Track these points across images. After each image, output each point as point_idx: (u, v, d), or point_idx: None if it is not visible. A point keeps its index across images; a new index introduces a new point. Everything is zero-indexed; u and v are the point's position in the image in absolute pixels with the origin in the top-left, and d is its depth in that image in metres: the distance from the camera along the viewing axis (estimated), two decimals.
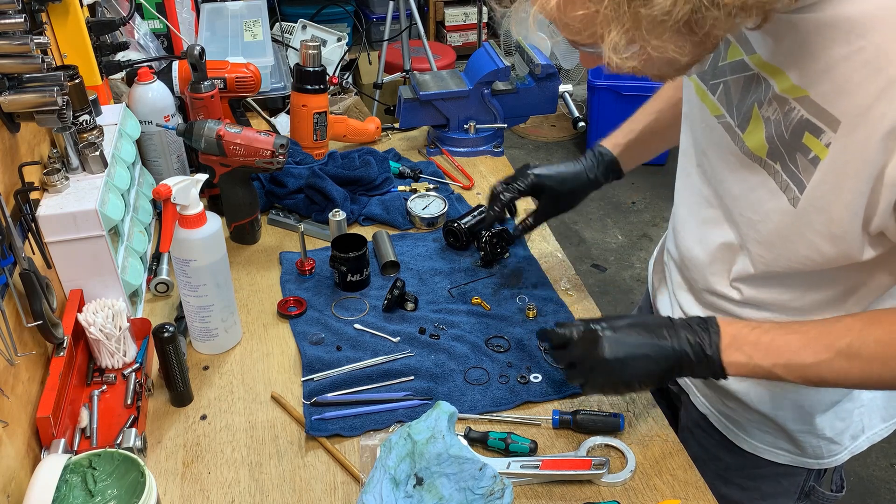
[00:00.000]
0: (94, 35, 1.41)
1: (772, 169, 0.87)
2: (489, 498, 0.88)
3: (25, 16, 0.95)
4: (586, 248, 3.35)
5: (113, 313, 1.09)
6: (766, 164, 0.87)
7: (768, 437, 1.08)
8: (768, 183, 0.87)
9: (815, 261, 0.87)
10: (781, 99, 0.83)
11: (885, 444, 2.43)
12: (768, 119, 0.86)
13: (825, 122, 0.78)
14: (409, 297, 1.26)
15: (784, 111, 0.83)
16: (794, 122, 0.82)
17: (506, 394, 1.10)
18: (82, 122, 1.22)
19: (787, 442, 1.08)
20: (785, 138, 0.84)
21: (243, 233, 1.42)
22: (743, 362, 0.87)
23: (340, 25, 3.83)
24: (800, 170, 0.83)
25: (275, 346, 1.20)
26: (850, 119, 0.75)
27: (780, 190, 0.86)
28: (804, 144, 0.81)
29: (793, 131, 0.82)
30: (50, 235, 1.07)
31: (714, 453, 1.07)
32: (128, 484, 0.89)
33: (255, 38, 1.86)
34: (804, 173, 0.82)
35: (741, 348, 0.87)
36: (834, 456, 1.09)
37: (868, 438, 1.10)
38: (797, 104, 0.81)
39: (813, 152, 0.80)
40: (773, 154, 0.86)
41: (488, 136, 1.72)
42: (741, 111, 0.90)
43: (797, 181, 0.83)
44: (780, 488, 1.14)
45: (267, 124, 1.84)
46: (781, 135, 0.84)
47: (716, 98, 0.95)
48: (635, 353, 0.91)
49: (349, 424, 1.05)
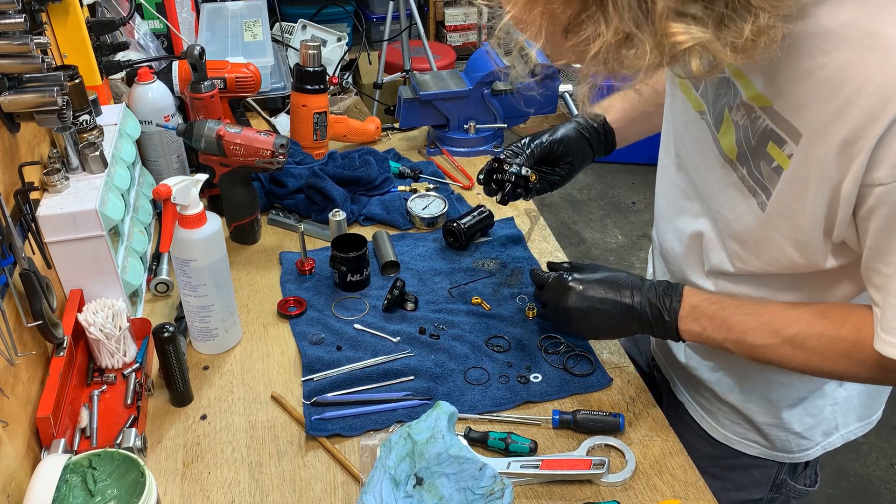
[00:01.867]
0: (94, 35, 1.41)
1: (739, 172, 0.89)
2: (489, 498, 0.88)
3: (25, 16, 0.95)
4: (586, 248, 3.35)
5: (113, 313, 1.09)
6: (735, 167, 0.89)
7: (738, 429, 1.11)
8: (739, 185, 0.89)
9: (783, 265, 0.89)
10: (748, 106, 0.84)
11: (885, 443, 2.43)
12: (737, 124, 0.87)
13: (788, 134, 0.79)
14: (409, 297, 1.26)
15: (751, 118, 0.84)
16: (759, 130, 0.83)
17: (506, 394, 1.10)
18: (82, 122, 1.22)
19: (756, 434, 1.10)
20: (752, 145, 0.85)
21: (243, 233, 1.42)
22: (697, 332, 0.96)
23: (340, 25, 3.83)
24: (764, 177, 0.85)
25: (275, 346, 1.20)
26: (811, 133, 0.77)
27: (750, 193, 0.88)
28: (768, 153, 0.83)
29: (759, 139, 0.84)
30: (50, 235, 1.07)
31: (690, 442, 1.08)
32: (128, 484, 0.89)
33: (255, 38, 1.86)
34: (769, 181, 0.84)
35: (698, 319, 0.95)
36: (804, 451, 1.10)
37: (842, 436, 1.11)
38: (762, 113, 0.82)
39: (776, 161, 0.82)
40: (741, 158, 0.88)
41: (488, 136, 1.72)
42: (716, 111, 0.92)
43: (763, 187, 0.85)
44: (752, 480, 1.16)
45: (267, 124, 1.84)
46: (749, 141, 0.86)
47: (698, 94, 0.96)
48: (597, 307, 1.02)
49: (349, 424, 1.05)
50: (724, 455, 1.15)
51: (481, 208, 1.43)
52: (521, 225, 1.48)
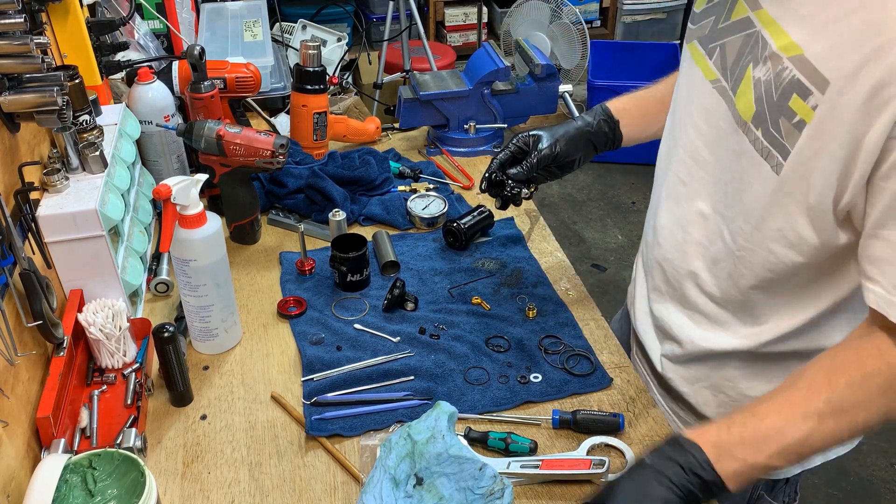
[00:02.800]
0: (94, 35, 1.41)
1: (752, 135, 0.87)
2: (489, 498, 0.88)
3: (25, 16, 0.95)
4: (586, 248, 3.35)
5: (113, 313, 1.09)
6: (748, 130, 0.87)
7: None
8: (750, 151, 0.87)
9: (790, 241, 0.86)
10: (776, 57, 0.83)
11: (885, 443, 2.43)
12: (759, 80, 0.85)
13: (815, 83, 0.78)
14: (409, 297, 1.26)
15: (776, 71, 0.83)
16: (784, 82, 0.81)
17: (506, 394, 1.10)
18: (82, 122, 1.22)
19: None
20: (773, 100, 0.83)
21: (243, 233, 1.42)
22: (738, 469, 0.80)
23: (340, 25, 3.83)
24: (783, 135, 0.82)
25: (275, 346, 1.20)
26: (840, 80, 0.75)
27: (762, 157, 0.86)
28: (790, 108, 0.81)
29: (782, 93, 0.82)
30: (50, 235, 1.07)
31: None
32: (128, 484, 0.90)
33: (255, 38, 1.86)
34: (788, 138, 0.82)
35: (732, 454, 0.80)
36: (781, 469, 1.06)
37: (822, 455, 1.06)
38: (790, 63, 0.81)
39: (798, 116, 0.80)
40: (757, 118, 0.86)
41: (488, 136, 1.72)
42: (735, 73, 0.90)
43: (780, 147, 0.83)
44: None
45: (267, 124, 1.84)
46: (770, 96, 0.84)
47: (712, 62, 0.95)
48: None
49: (349, 424, 1.05)
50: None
51: (481, 208, 1.43)
52: (521, 225, 1.48)
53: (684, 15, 4.59)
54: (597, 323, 1.24)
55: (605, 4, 4.63)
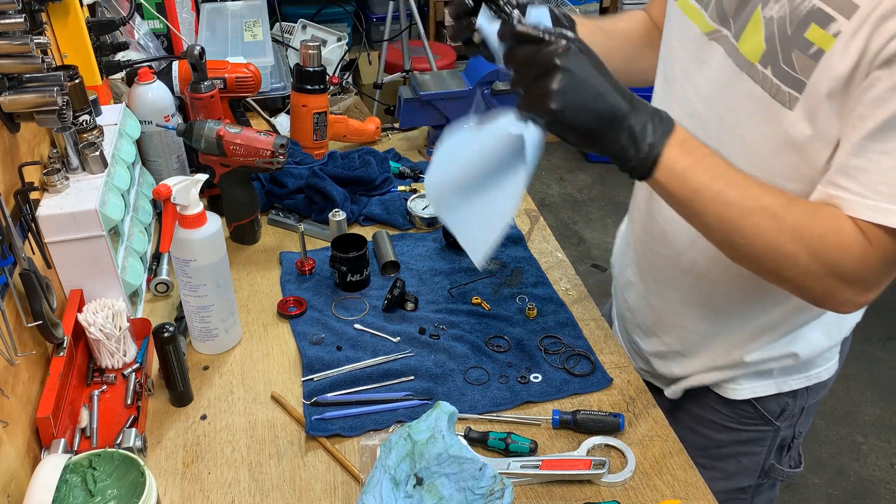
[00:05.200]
0: (94, 35, 1.41)
1: (759, 75, 0.87)
2: (489, 498, 0.88)
3: (25, 16, 0.95)
4: (586, 248, 3.35)
5: (113, 313, 1.09)
6: (754, 72, 0.87)
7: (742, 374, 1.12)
8: (756, 92, 0.87)
9: (800, 174, 0.87)
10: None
11: (885, 444, 2.43)
12: (770, 18, 0.85)
13: (839, 9, 0.78)
14: (409, 297, 1.26)
15: (793, 5, 0.83)
16: (801, 14, 0.81)
17: (506, 394, 1.10)
18: (82, 122, 1.22)
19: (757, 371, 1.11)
20: (787, 35, 0.83)
21: (243, 233, 1.42)
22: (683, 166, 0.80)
23: (340, 25, 3.83)
24: (797, 69, 0.82)
25: (275, 346, 1.20)
26: (870, 2, 0.75)
27: (770, 96, 0.86)
28: (806, 39, 0.81)
29: (798, 24, 0.82)
30: (50, 235, 1.07)
31: (681, 436, 1.08)
32: (128, 484, 0.90)
33: (255, 38, 1.86)
34: (802, 71, 0.82)
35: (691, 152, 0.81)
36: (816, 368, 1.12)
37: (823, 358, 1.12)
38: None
39: (816, 46, 0.80)
40: (766, 57, 0.86)
41: None
42: (738, 19, 0.90)
43: (793, 81, 0.83)
44: (741, 467, 1.18)
45: (267, 124, 1.84)
46: (784, 31, 0.83)
47: (707, 14, 0.95)
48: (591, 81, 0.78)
49: (349, 424, 1.05)
50: (712, 445, 1.17)
51: None
52: (521, 225, 1.48)
53: None
54: (597, 323, 1.24)
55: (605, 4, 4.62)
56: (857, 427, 2.49)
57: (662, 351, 1.20)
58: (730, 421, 1.16)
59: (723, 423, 1.16)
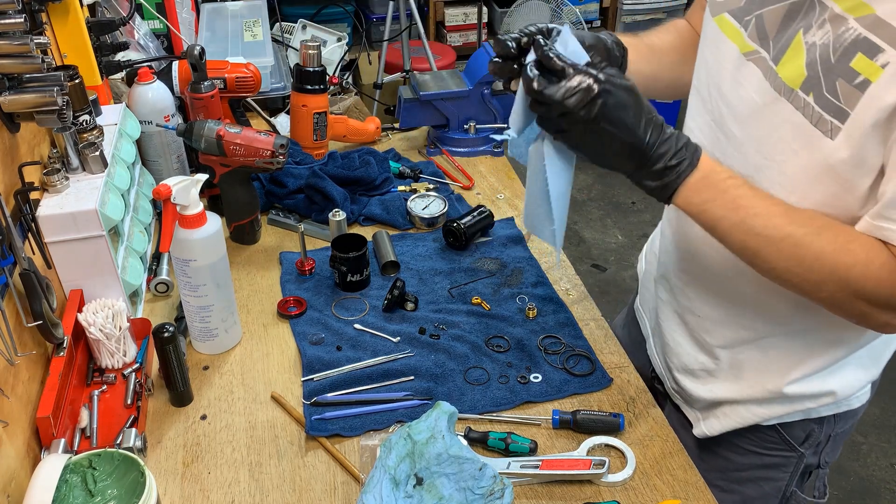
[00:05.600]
0: (94, 35, 1.41)
1: (801, 102, 0.85)
2: (489, 498, 0.88)
3: (25, 16, 0.95)
4: (586, 248, 3.35)
5: (113, 313, 1.09)
6: (794, 98, 0.85)
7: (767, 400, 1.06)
8: (796, 119, 0.85)
9: (841, 205, 0.85)
10: (839, 19, 0.81)
11: (885, 444, 2.43)
12: (813, 45, 0.83)
13: (888, 40, 0.76)
14: (409, 297, 1.26)
15: (837, 32, 0.81)
16: (846, 42, 0.80)
17: (506, 394, 1.10)
18: (82, 122, 1.22)
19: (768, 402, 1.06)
20: (830, 63, 0.81)
21: (243, 233, 1.42)
22: (697, 202, 0.85)
23: (340, 25, 3.83)
24: (840, 98, 0.80)
25: (275, 346, 1.20)
26: None
27: (811, 124, 0.84)
28: (851, 68, 0.79)
29: (843, 53, 0.80)
30: (50, 235, 1.07)
31: (698, 455, 1.07)
32: (128, 484, 0.90)
33: (255, 38, 1.86)
34: (847, 101, 0.80)
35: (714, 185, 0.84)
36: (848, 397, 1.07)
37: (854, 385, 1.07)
38: (857, 24, 0.79)
39: (862, 76, 0.78)
40: (808, 83, 0.84)
41: (488, 136, 1.72)
42: (778, 42, 0.88)
43: (836, 110, 0.81)
44: (761, 492, 1.13)
45: (267, 124, 1.84)
46: (827, 59, 0.82)
47: (747, 34, 0.93)
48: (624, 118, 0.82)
49: (349, 424, 1.05)
50: (734, 467, 1.13)
51: (481, 208, 1.43)
52: (521, 225, 1.48)
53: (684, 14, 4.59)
54: (597, 323, 1.24)
55: (605, 4, 4.62)
56: (857, 427, 2.48)
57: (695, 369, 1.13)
58: (752, 444, 1.12)
59: (744, 447, 1.12)
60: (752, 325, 1.03)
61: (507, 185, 1.61)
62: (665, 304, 1.15)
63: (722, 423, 1.10)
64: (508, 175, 1.65)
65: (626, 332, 1.33)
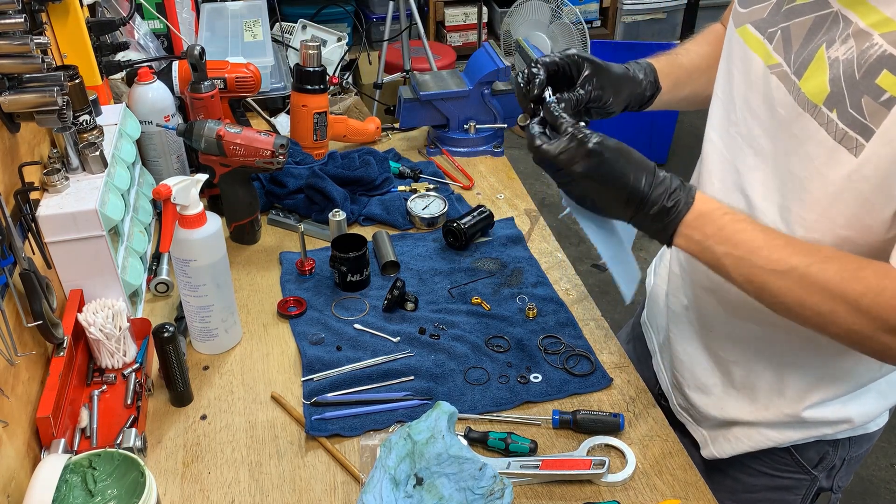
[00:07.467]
0: (94, 35, 1.41)
1: (825, 118, 0.83)
2: (489, 498, 0.88)
3: (25, 16, 0.95)
4: (586, 248, 3.35)
5: (113, 313, 1.09)
6: (818, 114, 0.84)
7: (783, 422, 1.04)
8: (819, 135, 0.84)
9: (863, 225, 0.83)
10: (863, 34, 0.80)
11: (885, 444, 2.43)
12: (836, 60, 0.82)
13: None
14: (409, 297, 1.26)
15: (861, 48, 0.79)
16: (871, 59, 0.78)
17: (506, 394, 1.10)
18: (82, 122, 1.22)
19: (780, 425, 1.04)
20: (854, 79, 0.80)
21: (243, 233, 1.42)
22: (696, 240, 0.86)
23: (340, 25, 3.83)
24: (866, 115, 0.79)
25: (275, 346, 1.20)
26: None
27: (836, 141, 0.82)
28: (877, 85, 0.78)
29: (868, 70, 0.79)
30: (50, 235, 1.07)
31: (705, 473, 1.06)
32: (128, 484, 0.90)
33: (255, 38, 1.86)
34: (872, 118, 0.78)
35: (712, 222, 0.85)
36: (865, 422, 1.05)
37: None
38: (882, 39, 0.78)
39: (888, 93, 0.76)
40: (831, 99, 0.82)
41: (488, 136, 1.72)
42: (801, 56, 0.87)
43: (860, 128, 0.79)
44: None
45: (267, 124, 1.84)
46: (851, 76, 0.80)
47: (772, 46, 0.91)
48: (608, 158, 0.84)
49: (349, 424, 1.05)
50: (744, 488, 1.11)
51: (481, 208, 1.43)
52: (521, 225, 1.48)
53: (684, 15, 4.58)
54: (597, 323, 1.24)
55: (606, 4, 4.62)
56: None
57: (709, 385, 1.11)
58: (764, 465, 1.09)
59: (756, 467, 1.10)
60: (769, 345, 1.01)
61: (507, 185, 1.61)
62: (678, 317, 1.13)
63: (733, 447, 1.08)
64: (508, 175, 1.65)
65: (632, 348, 1.32)
